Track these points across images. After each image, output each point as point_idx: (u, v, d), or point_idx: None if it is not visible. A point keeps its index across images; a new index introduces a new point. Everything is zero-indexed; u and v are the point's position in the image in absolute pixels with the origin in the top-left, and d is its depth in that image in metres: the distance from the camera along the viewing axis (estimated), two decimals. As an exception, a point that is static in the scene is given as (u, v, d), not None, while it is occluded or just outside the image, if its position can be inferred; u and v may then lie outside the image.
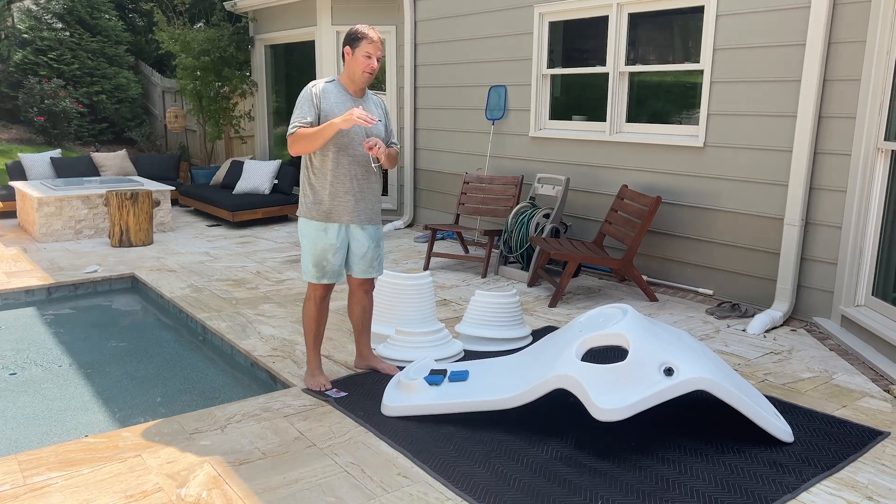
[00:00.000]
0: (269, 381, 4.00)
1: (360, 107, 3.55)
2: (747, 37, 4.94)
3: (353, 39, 3.50)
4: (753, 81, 4.94)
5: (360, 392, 3.65)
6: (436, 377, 3.52)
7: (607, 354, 4.06)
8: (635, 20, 5.77)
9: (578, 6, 6.05)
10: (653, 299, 5.34)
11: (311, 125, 3.45)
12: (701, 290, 5.43)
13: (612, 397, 3.04)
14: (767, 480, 2.83)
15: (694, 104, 5.49)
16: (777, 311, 4.76)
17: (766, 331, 4.65)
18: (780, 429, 3.17)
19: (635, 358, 3.10)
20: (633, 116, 5.91)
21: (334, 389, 3.67)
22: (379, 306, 4.35)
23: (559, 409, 3.46)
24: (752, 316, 4.92)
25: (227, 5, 10.16)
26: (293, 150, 3.45)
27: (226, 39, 9.72)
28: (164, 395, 3.92)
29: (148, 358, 4.46)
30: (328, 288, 3.65)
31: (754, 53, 4.91)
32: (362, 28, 3.51)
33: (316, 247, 3.55)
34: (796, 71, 4.67)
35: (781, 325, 4.76)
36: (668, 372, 3.08)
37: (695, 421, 3.37)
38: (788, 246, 4.77)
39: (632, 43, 5.80)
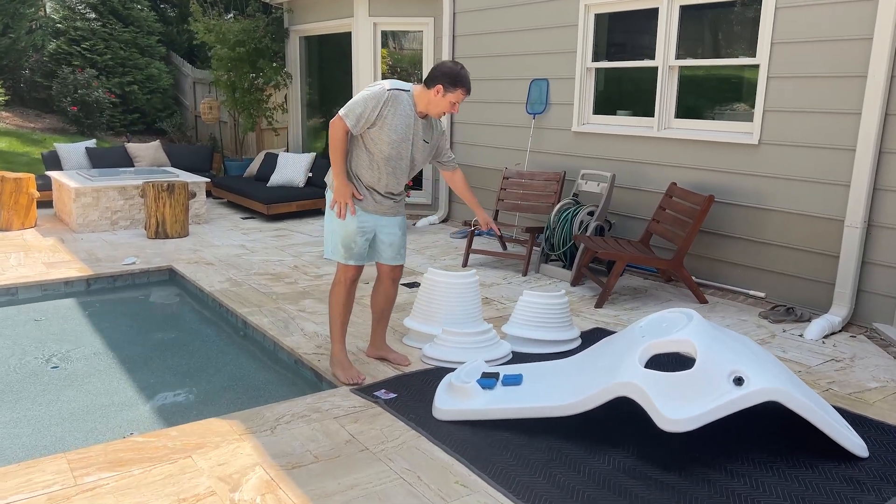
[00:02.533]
0: (314, 380, 3.91)
1: (418, 127, 3.55)
2: (809, 30, 4.75)
3: (452, 83, 3.41)
4: (814, 77, 4.75)
5: (410, 393, 3.55)
6: (489, 381, 3.41)
7: (668, 362, 3.94)
8: (687, 12, 5.58)
9: (626, -2, 5.89)
10: (702, 301, 5.18)
11: (358, 123, 3.40)
12: (752, 292, 5.26)
13: (679, 407, 2.91)
14: (846, 499, 2.69)
15: (746, 100, 5.30)
16: (835, 317, 4.58)
17: (825, 336, 4.48)
18: (854, 443, 3.01)
19: (703, 366, 2.97)
20: (681, 112, 5.74)
21: (383, 390, 3.57)
22: (424, 305, 4.25)
23: (617, 416, 3.33)
24: (809, 320, 4.75)
25: (261, -4, 10.10)
26: (330, 133, 3.46)
27: (261, 30, 9.65)
28: (208, 392, 3.85)
29: (190, 353, 4.40)
30: (358, 271, 3.66)
31: (816, 47, 4.72)
32: (465, 76, 3.43)
33: (347, 227, 3.55)
34: (861, 66, 4.48)
35: (840, 331, 4.59)
36: (738, 381, 2.94)
37: (758, 431, 3.22)
38: (849, 248, 4.58)
39: (682, 36, 5.62)
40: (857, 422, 3.35)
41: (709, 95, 5.65)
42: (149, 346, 4.49)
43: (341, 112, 3.42)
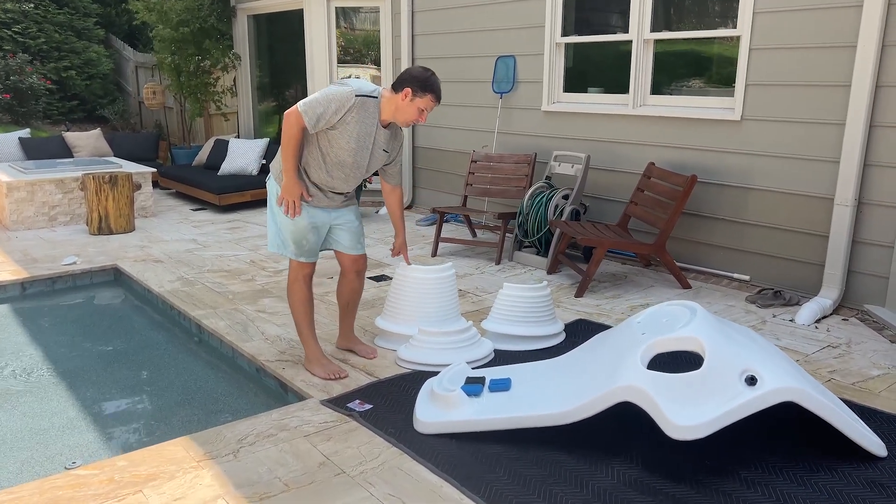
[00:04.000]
0: (279, 390, 3.55)
1: (378, 135, 3.32)
2: (792, -1, 4.51)
3: (422, 88, 3.16)
4: (800, 48, 4.52)
5: (387, 403, 3.22)
6: (474, 387, 3.09)
7: (671, 361, 3.66)
8: (661, -17, 5.30)
9: (597, -32, 5.57)
10: (686, 286, 4.95)
11: (317, 123, 3.14)
12: (736, 275, 5.05)
13: (688, 412, 2.64)
14: (874, 507, 2.46)
15: (727, 74, 5.06)
16: (826, 299, 4.39)
17: (817, 321, 4.29)
18: (873, 442, 2.79)
19: (712, 365, 2.70)
20: (657, 88, 5.47)
21: (357, 401, 3.23)
22: (396, 302, 3.90)
23: (616, 420, 3.05)
24: (798, 304, 4.56)
25: (205, -28, 9.49)
26: (283, 128, 3.19)
27: (206, 9, 9.08)
28: (161, 409, 3.45)
29: (139, 363, 3.98)
30: (314, 265, 3.48)
31: (801, 16, 4.49)
32: (435, 81, 3.19)
33: (298, 224, 3.34)
34: (851, 35, 4.26)
35: (831, 314, 4.40)
36: (751, 381, 2.68)
37: (768, 430, 2.98)
38: (839, 228, 4.39)
39: (657, 7, 5.34)
40: (868, 415, 3.14)
41: (687, 70, 5.39)
42: (92, 358, 4.05)
43: (300, 107, 3.13)
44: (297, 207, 3.26)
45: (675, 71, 5.44)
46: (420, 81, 3.16)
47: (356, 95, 3.14)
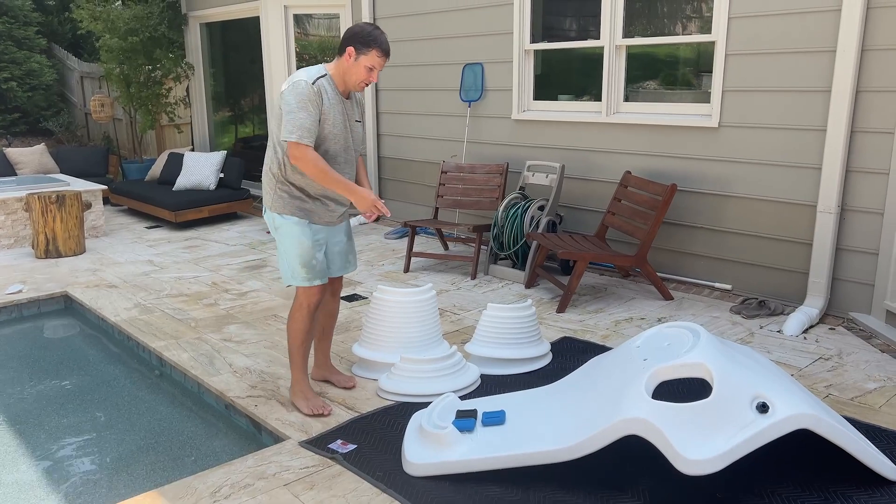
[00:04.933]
0: (252, 430, 3.29)
1: (347, 105, 3.11)
2: (769, 3, 4.42)
3: (364, 43, 2.95)
4: (777, 53, 4.44)
5: (371, 442, 2.99)
6: (466, 421, 2.88)
7: (676, 387, 3.50)
8: (633, -13, 5.19)
9: (566, -28, 5.43)
10: (668, 297, 4.83)
11: (312, 135, 2.94)
12: (718, 285, 4.95)
13: (699, 444, 2.47)
14: (899, 540, 2.33)
15: (703, 80, 4.96)
16: (812, 308, 4.31)
17: (805, 331, 4.20)
18: (886, 465, 2.67)
19: (722, 393, 2.54)
20: (631, 95, 5.35)
21: (339, 441, 2.99)
22: (374, 328, 3.67)
23: (618, 451, 2.88)
24: (784, 314, 4.47)
25: (154, -21, 9.10)
26: (304, 167, 2.95)
27: (155, 17, 8.69)
28: (120, 457, 3.15)
29: (95, 402, 3.66)
30: (323, 291, 3.21)
31: (778, 21, 4.40)
32: (379, 35, 2.96)
33: (303, 244, 3.11)
34: (830, 40, 4.19)
35: (818, 324, 4.32)
36: (762, 408, 2.53)
37: (776, 455, 2.84)
38: (823, 235, 4.31)
39: (629, 12, 5.22)
40: (872, 434, 3.03)
41: (661, 76, 5.28)
42: (41, 398, 3.72)
43: (292, 137, 2.91)
44: (382, 206, 3.03)
45: (649, 77, 5.33)
46: (361, 37, 2.95)
47: (312, 84, 2.94)
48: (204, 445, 3.24)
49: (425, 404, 3.26)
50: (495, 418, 2.91)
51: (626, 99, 5.35)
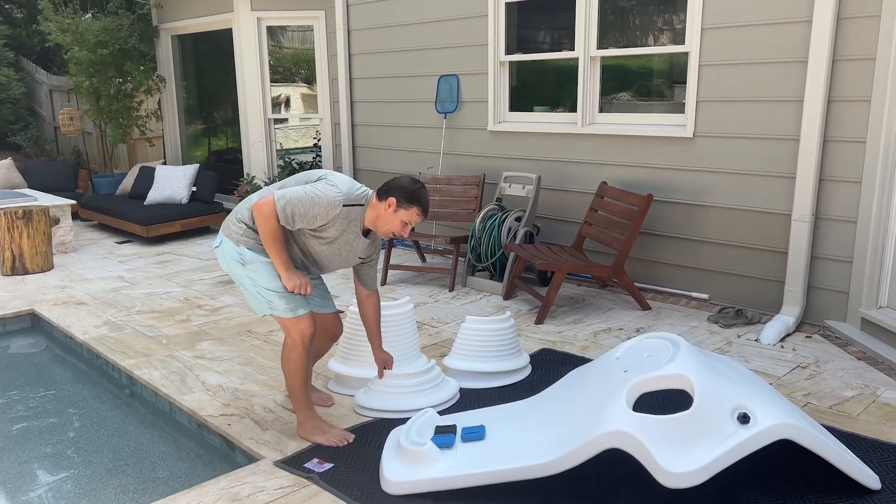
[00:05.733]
0: (225, 449, 3.20)
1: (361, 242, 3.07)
2: (742, 14, 4.46)
3: (408, 199, 2.87)
4: (750, 63, 4.47)
5: (348, 460, 2.92)
6: (446, 437, 2.83)
7: (656, 399, 3.46)
8: (606, -1, 5.21)
9: (540, -16, 5.45)
10: (645, 308, 4.82)
11: (294, 225, 2.87)
12: (695, 294, 4.95)
13: (682, 457, 2.45)
14: (883, 550, 2.31)
15: (677, 91, 4.99)
16: (789, 317, 4.33)
17: (782, 339, 4.21)
18: (867, 474, 2.66)
19: (703, 404, 2.52)
20: (606, 106, 5.36)
21: (315, 460, 2.92)
22: (351, 343, 3.61)
23: (598, 464, 2.84)
24: (760, 322, 4.48)
25: (125, -10, 8.99)
26: (261, 222, 2.84)
27: (126, 29, 8.57)
28: (89, 481, 3.04)
29: (62, 425, 3.55)
30: (313, 321, 3.02)
31: (750, 32, 4.44)
32: (424, 194, 2.90)
33: (273, 276, 2.96)
34: (801, 50, 4.23)
35: (794, 332, 4.33)
36: (743, 419, 2.51)
37: (756, 465, 2.82)
38: (798, 244, 4.33)
39: (603, 24, 5.24)
40: (852, 443, 3.02)
41: (636, 87, 5.31)
42: (5, 419, 3.59)
43: (277, 203, 2.80)
44: (307, 286, 2.94)
45: (624, 88, 5.35)
46: (407, 192, 2.87)
47: (343, 206, 2.86)
48: (175, 467, 3.15)
49: (403, 420, 3.19)
50: (475, 434, 2.86)
51: (602, 110, 5.36)
